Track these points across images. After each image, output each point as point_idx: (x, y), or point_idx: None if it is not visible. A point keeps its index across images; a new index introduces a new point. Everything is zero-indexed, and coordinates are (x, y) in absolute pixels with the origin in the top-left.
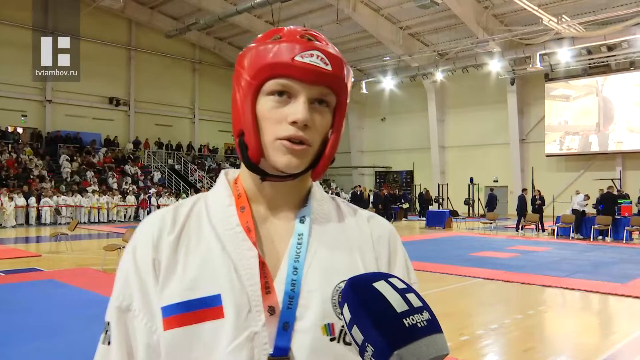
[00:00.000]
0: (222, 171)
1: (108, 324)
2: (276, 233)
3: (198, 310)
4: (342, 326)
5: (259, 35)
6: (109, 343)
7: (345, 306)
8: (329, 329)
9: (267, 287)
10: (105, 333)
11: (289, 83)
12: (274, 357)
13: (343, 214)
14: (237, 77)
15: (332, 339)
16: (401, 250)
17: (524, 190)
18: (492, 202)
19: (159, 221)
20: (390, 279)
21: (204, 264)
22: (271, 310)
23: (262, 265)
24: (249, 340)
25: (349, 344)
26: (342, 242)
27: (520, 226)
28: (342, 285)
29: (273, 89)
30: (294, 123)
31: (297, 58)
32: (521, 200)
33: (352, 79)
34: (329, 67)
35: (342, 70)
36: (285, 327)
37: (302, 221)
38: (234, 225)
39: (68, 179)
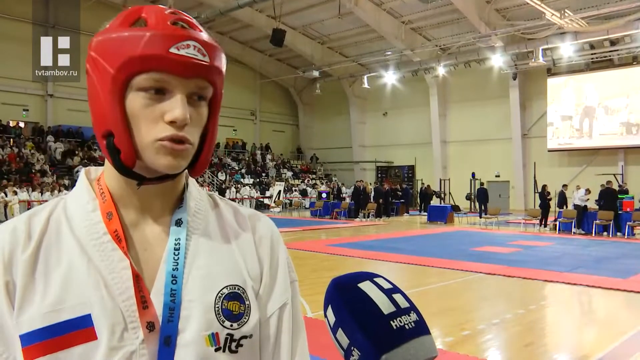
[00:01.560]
0: (82, 170)
1: None
2: (150, 239)
3: (66, 334)
4: (227, 334)
5: (116, 17)
6: None
7: (329, 308)
8: (213, 338)
9: (144, 302)
10: None
11: (163, 77)
12: None
13: (222, 213)
14: (94, 66)
15: (217, 349)
16: (283, 250)
17: (564, 186)
18: (481, 197)
19: (10, 236)
20: (375, 279)
21: (69, 282)
22: (150, 326)
23: (137, 277)
24: None
25: (235, 351)
26: (223, 244)
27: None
28: (226, 291)
29: (146, 85)
30: (172, 122)
31: (173, 50)
32: (562, 196)
33: (225, 64)
34: (206, 59)
35: (219, 60)
36: (167, 342)
37: (178, 224)
38: (100, 234)
39: (58, 162)
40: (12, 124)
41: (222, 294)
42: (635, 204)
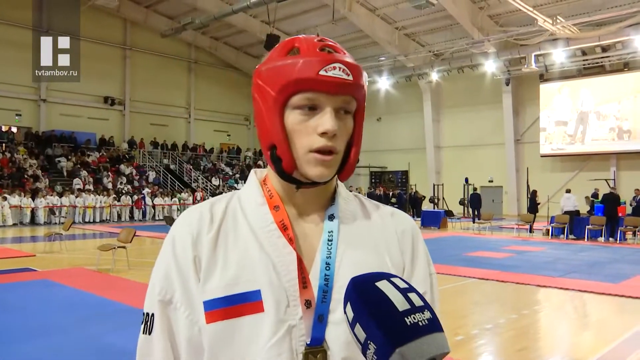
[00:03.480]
0: (252, 170)
1: (147, 314)
2: (307, 231)
3: (239, 304)
4: None
5: (274, 48)
6: (149, 333)
7: (348, 305)
8: None
9: (304, 282)
10: (145, 323)
11: (315, 96)
12: (310, 347)
13: (368, 210)
14: (259, 91)
15: None
16: (422, 244)
17: (534, 191)
18: (474, 202)
19: (197, 219)
20: (392, 279)
21: (244, 261)
22: (308, 303)
23: (299, 261)
24: (287, 332)
25: None
26: (369, 237)
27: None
28: None
29: (301, 103)
30: (323, 134)
31: (322, 72)
32: (532, 201)
33: (366, 81)
34: (350, 78)
35: (361, 77)
36: (320, 319)
37: (331, 219)
38: (269, 223)
39: (51, 167)
40: (4, 128)
41: None
42: (627, 209)
